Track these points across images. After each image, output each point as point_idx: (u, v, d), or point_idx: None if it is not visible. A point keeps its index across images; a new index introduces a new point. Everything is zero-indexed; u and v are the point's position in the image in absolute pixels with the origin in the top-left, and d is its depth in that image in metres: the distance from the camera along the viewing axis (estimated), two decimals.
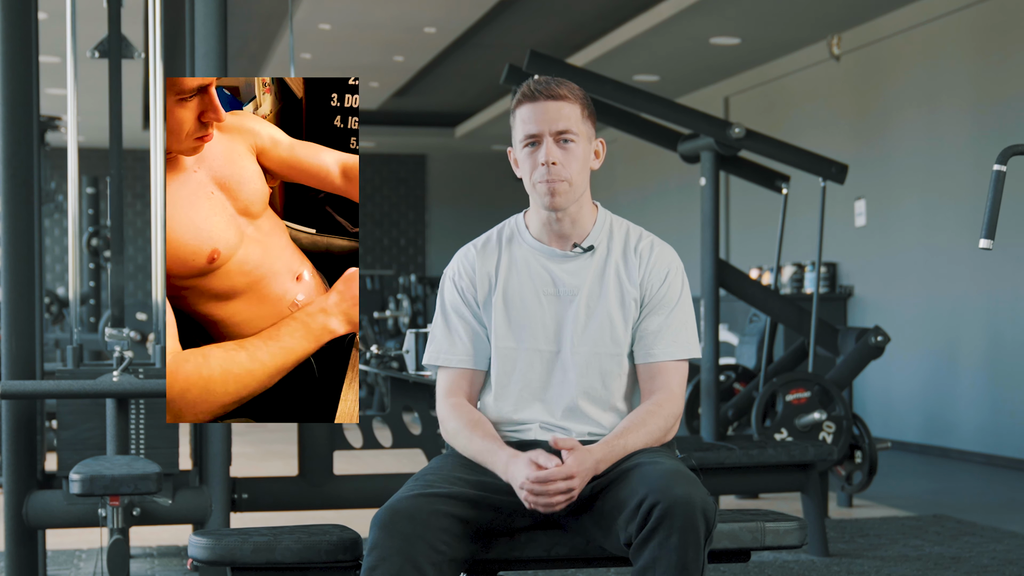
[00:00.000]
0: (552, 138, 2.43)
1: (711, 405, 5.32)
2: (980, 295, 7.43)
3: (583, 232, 2.51)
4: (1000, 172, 2.65)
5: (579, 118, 2.45)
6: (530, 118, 2.43)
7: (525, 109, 2.44)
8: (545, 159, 2.42)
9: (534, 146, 2.44)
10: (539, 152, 2.43)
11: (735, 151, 5.29)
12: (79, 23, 3.99)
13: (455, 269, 2.55)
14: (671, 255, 2.54)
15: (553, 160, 2.42)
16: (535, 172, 2.44)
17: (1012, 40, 7.29)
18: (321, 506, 4.24)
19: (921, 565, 4.30)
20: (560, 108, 2.43)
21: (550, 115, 2.42)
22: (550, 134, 2.42)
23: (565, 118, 2.43)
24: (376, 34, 9.72)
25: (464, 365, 2.50)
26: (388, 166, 16.41)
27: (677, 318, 2.49)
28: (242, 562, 2.40)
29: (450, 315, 2.53)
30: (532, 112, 2.43)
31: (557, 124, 2.42)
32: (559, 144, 2.43)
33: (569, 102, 2.44)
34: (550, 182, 2.43)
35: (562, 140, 2.43)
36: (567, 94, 2.44)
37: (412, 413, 4.51)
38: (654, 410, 2.42)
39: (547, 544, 2.37)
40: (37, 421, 3.74)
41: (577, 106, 2.45)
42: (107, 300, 8.78)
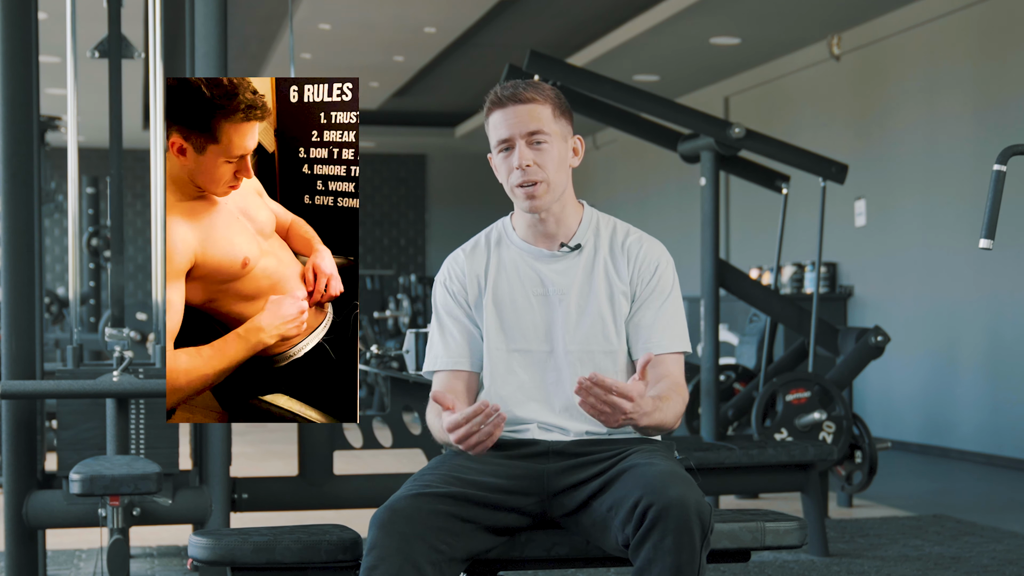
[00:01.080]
0: (524, 141, 2.44)
1: (711, 405, 5.32)
2: (980, 295, 7.44)
3: (569, 231, 2.52)
4: (1000, 172, 2.65)
5: (550, 118, 2.46)
6: (501, 123, 2.46)
7: (495, 116, 2.47)
8: (519, 162, 2.44)
9: (507, 151, 2.47)
10: (512, 156, 2.45)
11: (735, 151, 5.29)
12: (79, 23, 3.99)
13: (445, 274, 2.57)
14: (660, 249, 2.55)
15: (527, 162, 2.44)
16: (511, 176, 2.47)
17: (1012, 40, 7.29)
18: (321, 506, 4.24)
19: (921, 565, 4.30)
20: (530, 111, 2.45)
21: (520, 118, 2.44)
22: (521, 137, 2.44)
23: (535, 119, 2.44)
24: (376, 34, 9.73)
25: (459, 367, 2.51)
26: (388, 166, 16.42)
27: (669, 311, 2.50)
28: (242, 562, 2.40)
29: (444, 319, 2.54)
30: (502, 117, 2.46)
31: (528, 126, 2.44)
32: (531, 146, 2.45)
33: (538, 103, 2.45)
34: (525, 185, 2.45)
35: (535, 142, 2.45)
36: (535, 96, 2.46)
37: (412, 413, 4.51)
38: (671, 393, 2.40)
39: (547, 544, 2.37)
40: (37, 421, 3.74)
41: (547, 106, 2.46)
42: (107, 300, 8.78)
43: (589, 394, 2.22)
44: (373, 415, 4.56)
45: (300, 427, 4.18)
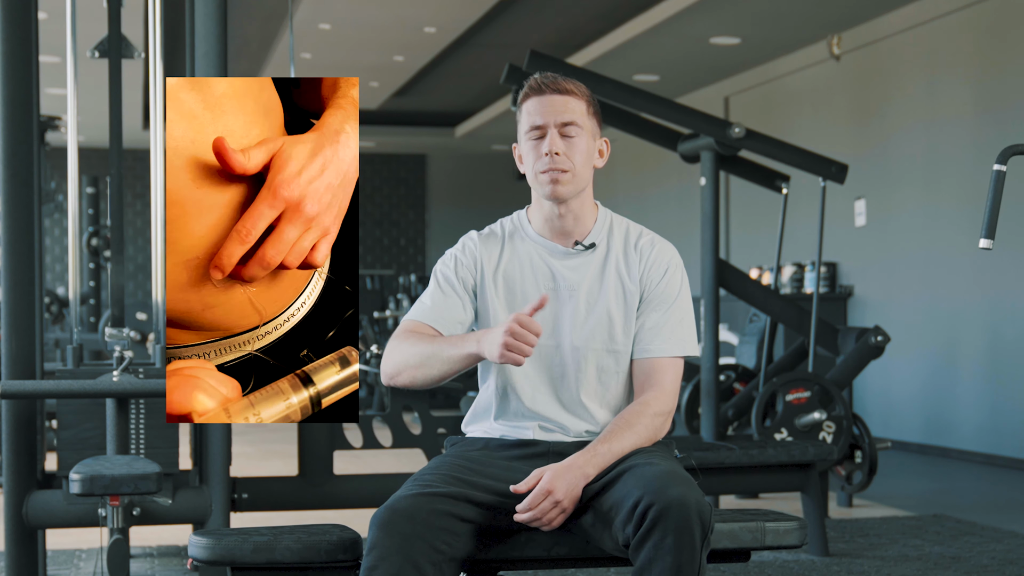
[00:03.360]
0: (556, 129, 2.46)
1: (711, 405, 5.32)
2: (980, 295, 7.43)
3: (585, 230, 2.53)
4: (1000, 172, 2.65)
5: (584, 113, 2.49)
6: (536, 110, 2.48)
7: (532, 102, 2.49)
8: (549, 149, 2.45)
9: (539, 138, 2.48)
10: (543, 143, 2.47)
11: (735, 151, 5.29)
12: (79, 23, 3.99)
13: (459, 248, 2.57)
14: (671, 251, 2.55)
15: (556, 150, 2.45)
16: (538, 162, 2.47)
17: (1012, 40, 7.29)
18: (321, 506, 4.24)
19: (921, 565, 4.30)
20: (566, 102, 2.47)
21: (556, 107, 2.46)
22: (555, 125, 2.46)
23: (570, 111, 2.47)
24: (376, 34, 9.73)
25: (437, 326, 2.48)
26: (388, 166, 16.41)
27: (675, 315, 2.50)
28: (242, 562, 2.40)
29: (442, 285, 2.52)
30: (538, 104, 2.48)
31: (562, 116, 2.46)
32: (563, 136, 2.47)
33: (575, 97, 2.48)
34: (552, 171, 2.45)
35: (567, 133, 2.46)
36: (573, 89, 2.49)
37: (412, 413, 4.51)
38: (641, 410, 2.42)
39: (547, 544, 2.37)
40: (37, 421, 3.74)
41: (583, 102, 2.49)
42: (107, 300, 8.78)
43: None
44: (373, 415, 4.56)
45: (300, 427, 4.17)
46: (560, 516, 2.27)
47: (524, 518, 2.26)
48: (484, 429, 2.54)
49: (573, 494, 2.27)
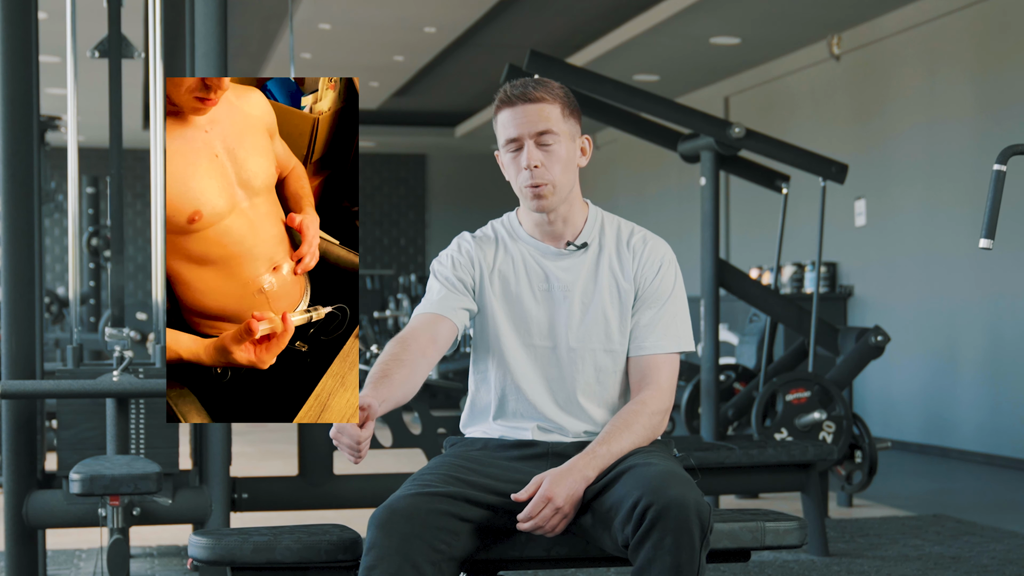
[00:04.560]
0: (533, 140, 2.44)
1: (711, 405, 5.32)
2: (980, 295, 7.43)
3: (575, 230, 2.53)
4: (1000, 172, 2.65)
5: (559, 117, 2.46)
6: (509, 122, 2.45)
7: (504, 114, 2.46)
8: (527, 163, 2.43)
9: (516, 151, 2.46)
10: (521, 156, 2.45)
11: (735, 151, 5.29)
12: (79, 23, 3.99)
13: (455, 248, 2.56)
14: (664, 248, 2.54)
15: (535, 163, 2.43)
16: (519, 176, 2.46)
17: (1012, 40, 7.29)
18: (321, 506, 4.24)
19: (921, 565, 4.30)
20: (539, 110, 2.44)
21: (529, 118, 2.43)
22: (530, 136, 2.44)
23: (544, 119, 2.44)
24: (376, 34, 9.73)
25: (445, 314, 2.45)
26: (388, 166, 16.41)
27: (669, 311, 2.50)
28: (242, 562, 2.40)
29: (441, 282, 2.51)
30: (511, 116, 2.45)
31: (537, 125, 2.43)
32: (540, 146, 2.44)
33: (548, 103, 2.45)
34: (534, 186, 2.44)
35: (543, 142, 2.44)
36: (544, 95, 2.45)
37: (412, 413, 4.51)
38: (638, 409, 2.42)
39: (547, 544, 2.37)
40: (37, 421, 3.74)
41: (556, 105, 2.46)
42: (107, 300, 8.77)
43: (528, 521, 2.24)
44: None
45: (300, 427, 4.18)
46: (563, 522, 2.27)
47: (526, 527, 2.25)
48: (483, 430, 2.54)
49: (573, 499, 2.27)
